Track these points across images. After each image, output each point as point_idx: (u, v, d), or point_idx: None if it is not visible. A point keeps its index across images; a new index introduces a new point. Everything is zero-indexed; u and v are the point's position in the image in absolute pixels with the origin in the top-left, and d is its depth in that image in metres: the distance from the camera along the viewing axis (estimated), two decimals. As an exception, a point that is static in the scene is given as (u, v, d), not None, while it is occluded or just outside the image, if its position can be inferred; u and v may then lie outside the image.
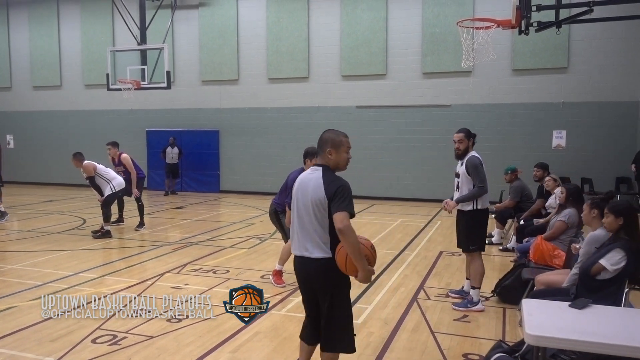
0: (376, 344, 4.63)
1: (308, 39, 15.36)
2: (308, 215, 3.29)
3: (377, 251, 3.42)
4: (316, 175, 3.33)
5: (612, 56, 12.94)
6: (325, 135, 3.43)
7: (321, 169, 3.34)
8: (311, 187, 3.29)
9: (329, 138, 3.39)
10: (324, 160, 3.38)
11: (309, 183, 3.32)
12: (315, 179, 3.31)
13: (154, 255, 8.07)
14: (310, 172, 3.38)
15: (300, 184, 3.39)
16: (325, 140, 3.39)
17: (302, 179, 3.40)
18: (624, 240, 4.00)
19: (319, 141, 3.42)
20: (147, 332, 4.80)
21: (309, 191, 3.29)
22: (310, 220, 3.27)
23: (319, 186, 3.25)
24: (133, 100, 15.46)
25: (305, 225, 3.30)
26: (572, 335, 3.00)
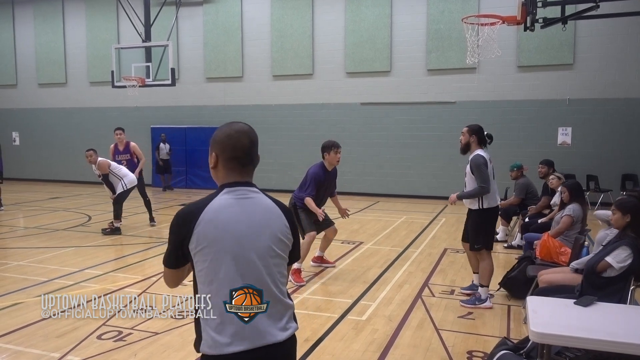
0: (380, 340, 4.64)
1: (312, 35, 15.33)
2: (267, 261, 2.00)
3: (382, 247, 3.40)
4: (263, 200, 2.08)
5: (618, 52, 12.86)
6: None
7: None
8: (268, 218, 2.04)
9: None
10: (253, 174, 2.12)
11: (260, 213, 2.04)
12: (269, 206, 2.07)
13: (160, 251, 8.08)
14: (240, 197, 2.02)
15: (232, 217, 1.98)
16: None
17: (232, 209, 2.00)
18: (631, 238, 3.99)
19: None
20: (152, 328, 4.81)
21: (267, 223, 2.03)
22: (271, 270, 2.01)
23: (277, 215, 2.07)
24: (138, 98, 15.51)
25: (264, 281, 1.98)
26: (577, 332, 2.99)
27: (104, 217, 10.90)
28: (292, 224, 2.08)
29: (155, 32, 14.50)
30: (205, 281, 1.92)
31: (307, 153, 15.27)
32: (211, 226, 1.91)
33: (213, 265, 1.91)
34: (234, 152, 2.04)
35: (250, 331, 1.89)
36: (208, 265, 1.91)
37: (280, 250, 2.01)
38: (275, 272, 1.98)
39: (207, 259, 1.91)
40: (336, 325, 4.98)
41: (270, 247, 1.98)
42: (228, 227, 1.93)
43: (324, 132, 14.96)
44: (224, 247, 1.91)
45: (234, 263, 1.91)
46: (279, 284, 1.99)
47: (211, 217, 1.92)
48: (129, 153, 10.02)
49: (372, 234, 9.42)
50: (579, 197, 6.04)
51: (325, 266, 7.10)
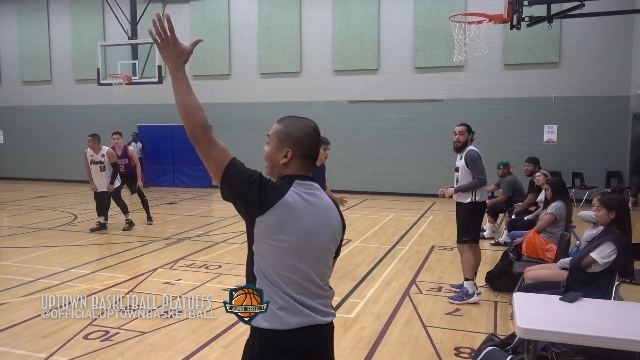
0: (369, 338, 4.65)
1: (300, 33, 15.31)
2: (326, 256, 2.10)
3: (370, 245, 3.39)
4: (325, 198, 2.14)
5: (603, 51, 13.00)
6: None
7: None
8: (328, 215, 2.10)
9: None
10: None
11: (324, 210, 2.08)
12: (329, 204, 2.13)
13: (146, 250, 8.04)
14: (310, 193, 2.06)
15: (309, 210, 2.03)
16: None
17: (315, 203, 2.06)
18: (615, 234, 4.04)
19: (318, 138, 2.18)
20: (139, 327, 4.78)
21: (328, 221, 2.08)
22: (327, 264, 2.12)
23: (335, 214, 2.13)
24: (124, 95, 15.36)
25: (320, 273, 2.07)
26: (563, 328, 3.02)
27: (90, 216, 10.80)
28: (343, 220, 2.18)
29: (142, 29, 14.35)
30: (263, 264, 1.97)
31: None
32: (285, 215, 1.95)
33: (276, 251, 1.95)
34: (310, 150, 2.09)
35: (303, 311, 1.97)
36: (271, 250, 1.95)
37: (333, 246, 2.12)
38: (325, 266, 2.08)
39: (271, 243, 1.95)
40: (324, 323, 4.97)
41: (328, 244, 2.08)
42: (299, 222, 1.97)
43: (312, 130, 14.95)
44: (290, 239, 1.95)
45: (295, 257, 1.97)
46: (326, 276, 2.09)
47: (288, 207, 1.96)
48: (127, 157, 10.01)
49: (360, 231, 9.44)
50: (562, 194, 6.11)
51: None
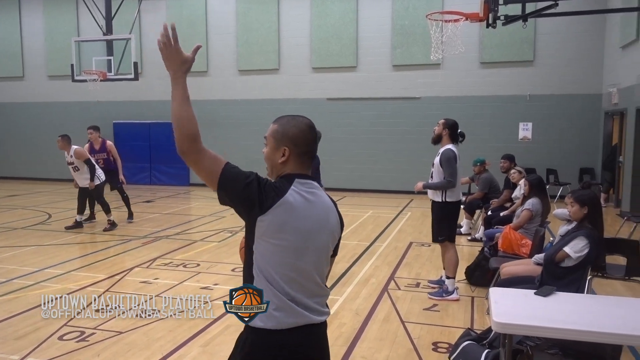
0: (348, 334, 4.67)
1: (278, 30, 15.25)
2: (325, 255, 2.12)
3: (349, 242, 3.40)
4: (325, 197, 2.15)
5: (576, 50, 13.24)
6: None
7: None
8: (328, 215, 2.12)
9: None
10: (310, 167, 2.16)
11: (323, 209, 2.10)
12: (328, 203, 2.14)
13: (123, 249, 7.94)
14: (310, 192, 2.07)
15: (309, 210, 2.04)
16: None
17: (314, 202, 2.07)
18: (588, 229, 4.12)
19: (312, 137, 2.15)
20: (116, 327, 4.72)
21: (327, 220, 2.10)
22: (327, 263, 2.15)
23: (334, 213, 2.15)
24: (99, 92, 15.12)
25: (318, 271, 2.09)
26: (537, 322, 3.08)
27: (64, 215, 10.62)
28: (341, 219, 2.19)
29: (117, 25, 14.13)
30: (263, 263, 1.98)
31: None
32: (287, 214, 1.96)
33: (277, 250, 1.96)
34: (307, 147, 2.10)
35: (298, 311, 1.99)
36: (272, 249, 1.96)
37: (332, 245, 2.14)
38: (325, 265, 2.11)
39: (272, 242, 1.96)
40: (304, 320, 4.98)
41: (327, 243, 2.10)
42: (299, 221, 1.99)
43: (290, 127, 14.91)
44: (291, 238, 1.97)
45: (296, 255, 1.98)
46: (324, 275, 2.12)
47: (289, 206, 1.97)
48: (105, 152, 9.85)
49: (339, 228, 9.47)
50: (539, 191, 6.21)
51: None
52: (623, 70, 11.29)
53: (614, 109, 11.97)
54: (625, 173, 11.12)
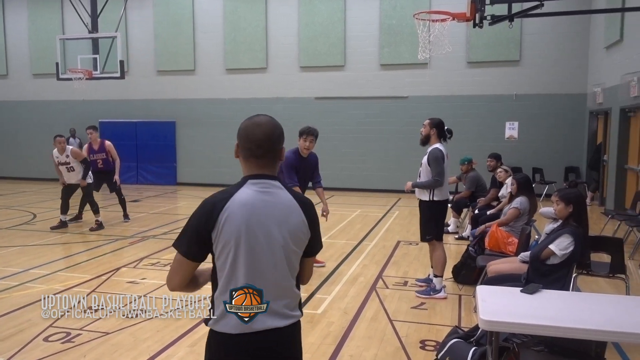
0: (336, 333, 4.68)
1: (266, 29, 15.21)
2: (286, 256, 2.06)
3: (337, 241, 3.42)
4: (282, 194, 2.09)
5: (561, 50, 13.38)
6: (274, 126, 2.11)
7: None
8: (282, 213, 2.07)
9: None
10: (275, 167, 2.12)
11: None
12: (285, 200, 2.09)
13: (109, 249, 7.87)
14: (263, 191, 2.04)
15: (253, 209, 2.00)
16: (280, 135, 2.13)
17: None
18: (573, 227, 4.17)
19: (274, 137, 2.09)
20: (102, 328, 4.68)
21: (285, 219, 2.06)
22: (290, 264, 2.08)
23: (296, 212, 2.08)
24: (85, 91, 14.98)
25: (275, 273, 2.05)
26: (523, 319, 3.11)
27: (49, 215, 10.50)
28: (310, 217, 2.09)
29: (103, 23, 14.00)
30: (223, 274, 1.99)
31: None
32: (234, 219, 1.95)
33: (230, 258, 1.96)
34: (247, 143, 2.06)
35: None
36: (225, 257, 1.97)
37: (295, 245, 2.05)
38: (287, 265, 2.03)
39: (226, 252, 1.96)
40: (292, 319, 4.98)
41: (286, 242, 2.02)
42: (248, 222, 1.96)
43: (278, 126, 14.88)
44: (242, 241, 1.95)
45: (250, 258, 1.97)
46: (290, 277, 2.05)
47: (235, 209, 1.96)
48: (104, 152, 9.80)
49: (327, 227, 9.47)
50: (527, 190, 6.25)
51: (316, 266, 6.78)
52: (607, 70, 11.43)
53: (599, 109, 12.11)
54: (609, 172, 11.27)
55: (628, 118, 10.40)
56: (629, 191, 10.25)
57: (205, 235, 1.96)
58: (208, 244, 1.98)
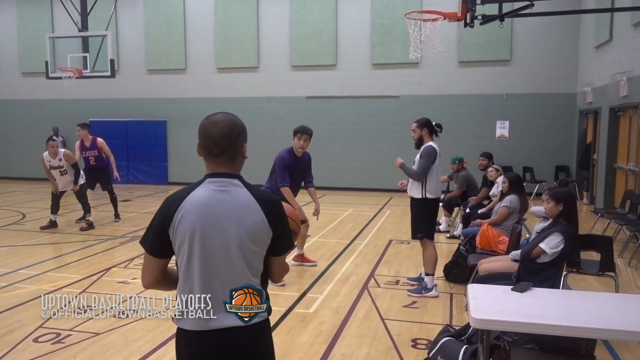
0: (328, 332, 4.68)
1: (257, 28, 15.18)
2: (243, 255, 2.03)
3: (329, 240, 3.43)
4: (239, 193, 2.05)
5: (551, 49, 13.46)
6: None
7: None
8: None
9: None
10: (235, 165, 2.12)
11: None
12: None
13: (100, 249, 7.83)
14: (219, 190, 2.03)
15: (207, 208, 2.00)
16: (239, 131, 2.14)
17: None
18: (563, 225, 4.20)
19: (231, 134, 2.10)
20: (92, 329, 4.66)
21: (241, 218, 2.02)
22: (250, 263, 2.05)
23: (254, 211, 2.03)
24: (75, 89, 14.86)
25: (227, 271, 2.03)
26: (514, 317, 3.13)
27: (39, 215, 10.42)
28: (271, 216, 2.04)
29: (93, 21, 13.90)
30: (181, 272, 2.03)
31: (253, 147, 15.08)
32: (188, 217, 1.98)
33: (185, 256, 2.00)
34: (205, 141, 2.07)
35: (215, 314, 2.00)
36: (181, 256, 2.00)
37: (254, 244, 2.01)
38: (245, 264, 2.01)
39: (182, 250, 2.00)
40: (283, 318, 4.99)
41: (243, 241, 1.99)
42: (202, 221, 1.98)
43: (270, 126, 14.88)
44: (196, 240, 1.97)
45: (204, 257, 1.98)
46: (250, 276, 2.03)
47: (190, 207, 1.98)
48: (96, 149, 9.75)
49: (319, 227, 9.47)
50: (518, 189, 6.30)
51: (307, 265, 6.88)
52: (597, 70, 11.51)
53: (588, 108, 12.20)
54: (599, 171, 11.36)
55: (617, 117, 10.49)
56: (618, 190, 10.33)
57: (164, 233, 2.01)
58: (168, 242, 2.02)
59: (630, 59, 9.37)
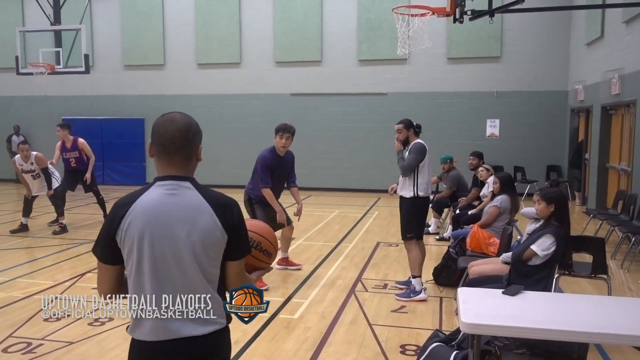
0: (314, 338, 4.67)
1: (240, 22, 15.12)
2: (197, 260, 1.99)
3: (314, 243, 3.42)
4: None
5: (542, 46, 13.61)
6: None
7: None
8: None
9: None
10: (189, 167, 2.11)
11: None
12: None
13: (73, 254, 7.72)
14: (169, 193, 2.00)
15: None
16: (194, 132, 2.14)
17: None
18: (555, 227, 4.24)
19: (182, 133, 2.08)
20: (66, 337, 4.59)
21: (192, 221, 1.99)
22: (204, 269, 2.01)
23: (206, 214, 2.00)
24: (47, 86, 14.66)
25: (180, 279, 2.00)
26: (505, 321, 3.15)
27: (10, 218, 10.27)
28: (225, 219, 2.00)
29: (66, 15, 13.74)
30: (130, 281, 2.00)
31: (235, 146, 15.08)
32: (136, 223, 1.95)
33: (135, 264, 1.97)
34: (159, 139, 2.03)
35: (165, 324, 1.96)
36: (131, 264, 1.97)
37: (207, 249, 1.98)
38: (200, 270, 1.98)
39: (131, 258, 1.97)
40: (267, 325, 4.97)
41: (195, 246, 1.96)
42: (152, 226, 1.95)
43: (253, 124, 14.85)
44: (145, 247, 1.94)
45: (154, 264, 1.96)
46: (205, 282, 1.99)
47: (138, 213, 1.95)
48: (77, 150, 9.61)
49: (304, 229, 9.46)
50: (509, 189, 6.35)
51: (291, 269, 6.86)
52: (588, 67, 11.67)
53: (580, 106, 12.36)
54: (590, 171, 11.50)
55: (609, 116, 10.63)
56: (610, 190, 10.47)
57: (112, 240, 1.98)
58: (118, 248, 1.99)
59: (621, 56, 9.51)
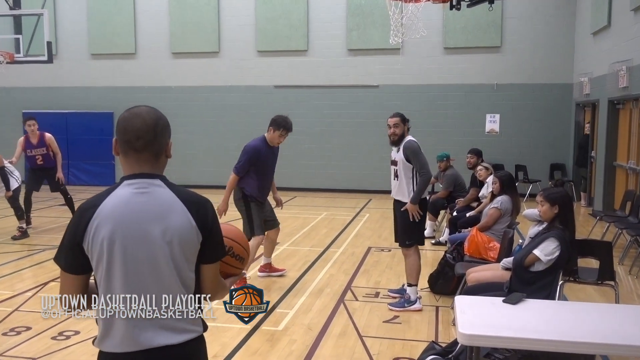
0: (299, 352, 4.67)
1: (218, 8, 15.06)
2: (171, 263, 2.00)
3: (300, 248, 3.42)
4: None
5: (545, 35, 13.71)
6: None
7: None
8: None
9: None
10: (158, 164, 2.12)
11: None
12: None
13: (35, 261, 7.65)
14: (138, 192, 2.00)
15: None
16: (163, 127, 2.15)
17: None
18: (559, 230, 4.27)
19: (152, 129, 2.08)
20: (27, 353, 4.54)
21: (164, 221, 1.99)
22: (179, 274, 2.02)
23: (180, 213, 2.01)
24: (6, 76, 14.47)
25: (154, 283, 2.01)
26: (506, 332, 3.17)
27: (-36, 222, 10.13)
28: (200, 218, 2.01)
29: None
30: (100, 289, 1.98)
31: (213, 142, 15.03)
32: (104, 227, 1.93)
33: (104, 271, 1.95)
34: (125, 135, 2.03)
35: (138, 333, 1.96)
36: (100, 271, 1.96)
37: (182, 251, 1.98)
38: (176, 274, 1.99)
39: (100, 264, 1.95)
40: (249, 337, 4.96)
41: (171, 248, 1.96)
42: (122, 229, 1.94)
43: (232, 118, 14.81)
44: (115, 252, 1.94)
45: (125, 269, 1.95)
46: (182, 287, 2.00)
47: (105, 215, 1.94)
48: (44, 147, 9.51)
49: (289, 233, 9.46)
50: (509, 189, 6.37)
51: (275, 275, 6.86)
52: (594, 58, 11.78)
53: (586, 100, 12.47)
54: (597, 170, 11.60)
55: (617, 110, 10.74)
56: (618, 190, 10.56)
57: (77, 248, 1.96)
58: (85, 256, 1.97)
59: (629, 46, 9.61)
